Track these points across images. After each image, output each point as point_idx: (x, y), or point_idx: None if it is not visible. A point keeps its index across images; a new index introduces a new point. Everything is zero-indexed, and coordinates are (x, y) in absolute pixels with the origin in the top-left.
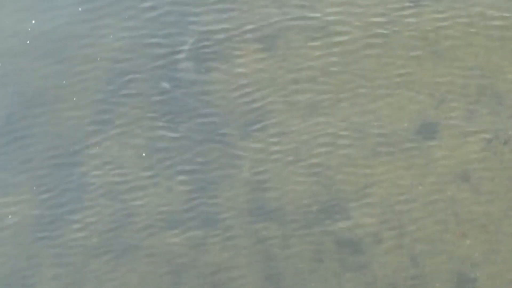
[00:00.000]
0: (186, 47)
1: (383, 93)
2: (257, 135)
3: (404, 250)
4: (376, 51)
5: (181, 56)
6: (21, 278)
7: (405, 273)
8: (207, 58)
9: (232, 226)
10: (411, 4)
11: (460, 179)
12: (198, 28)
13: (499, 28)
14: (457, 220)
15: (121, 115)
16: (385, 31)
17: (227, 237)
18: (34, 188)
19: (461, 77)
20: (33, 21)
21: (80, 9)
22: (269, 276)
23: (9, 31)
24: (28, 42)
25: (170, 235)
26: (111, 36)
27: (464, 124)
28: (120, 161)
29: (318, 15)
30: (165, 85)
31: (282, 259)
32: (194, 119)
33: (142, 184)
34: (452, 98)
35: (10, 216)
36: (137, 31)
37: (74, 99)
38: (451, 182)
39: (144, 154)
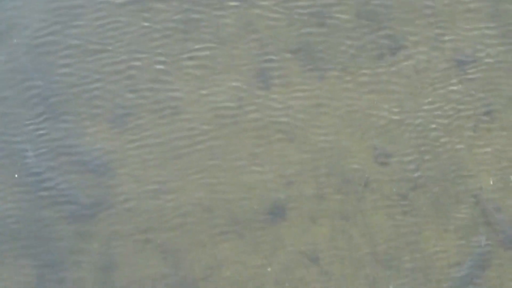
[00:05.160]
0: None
1: (232, 174)
2: (106, 212)
3: None
4: (225, 131)
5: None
6: None
7: None
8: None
9: None
10: (261, 88)
11: (309, 260)
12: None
13: (347, 108)
14: None
15: None
16: (234, 112)
17: None
18: None
19: (310, 158)
20: None
21: None
22: None
23: None
24: None
25: None
26: None
27: (313, 205)
28: None
29: (170, 94)
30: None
31: None
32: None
33: None
34: (302, 179)
35: None
36: None
37: None
38: (300, 264)
39: None
